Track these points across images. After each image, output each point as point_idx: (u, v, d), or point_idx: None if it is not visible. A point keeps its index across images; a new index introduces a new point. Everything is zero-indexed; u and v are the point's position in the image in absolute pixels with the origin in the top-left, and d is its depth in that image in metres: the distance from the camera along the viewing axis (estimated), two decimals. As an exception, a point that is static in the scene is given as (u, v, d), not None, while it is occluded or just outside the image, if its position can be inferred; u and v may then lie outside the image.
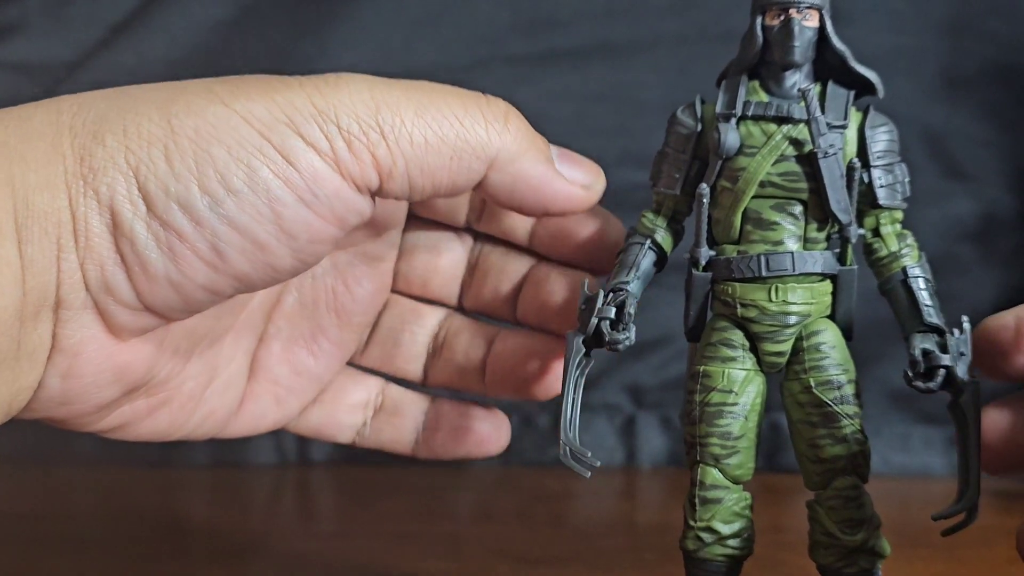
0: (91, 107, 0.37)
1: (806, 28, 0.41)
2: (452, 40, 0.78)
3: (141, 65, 0.77)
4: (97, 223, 0.36)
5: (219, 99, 0.37)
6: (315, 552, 0.59)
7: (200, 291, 0.38)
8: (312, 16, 0.78)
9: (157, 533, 0.63)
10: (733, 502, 0.42)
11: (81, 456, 0.76)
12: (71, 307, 0.37)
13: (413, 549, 0.60)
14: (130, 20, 0.79)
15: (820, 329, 0.42)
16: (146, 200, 0.36)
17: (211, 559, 0.59)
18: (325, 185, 0.38)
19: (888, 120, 0.43)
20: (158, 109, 0.37)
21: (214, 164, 0.37)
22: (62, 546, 0.60)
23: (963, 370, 0.41)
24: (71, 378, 0.38)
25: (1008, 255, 0.81)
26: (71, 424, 0.40)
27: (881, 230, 0.43)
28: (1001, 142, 0.80)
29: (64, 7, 0.79)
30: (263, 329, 0.46)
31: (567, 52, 0.78)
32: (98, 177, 0.36)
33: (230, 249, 0.37)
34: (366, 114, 0.38)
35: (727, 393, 0.41)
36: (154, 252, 0.37)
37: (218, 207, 0.37)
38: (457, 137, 0.39)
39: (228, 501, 0.72)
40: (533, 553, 0.58)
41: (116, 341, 0.38)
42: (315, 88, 0.38)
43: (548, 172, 0.41)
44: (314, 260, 0.40)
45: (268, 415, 0.46)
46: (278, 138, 0.37)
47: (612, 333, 0.41)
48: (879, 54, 0.82)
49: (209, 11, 0.78)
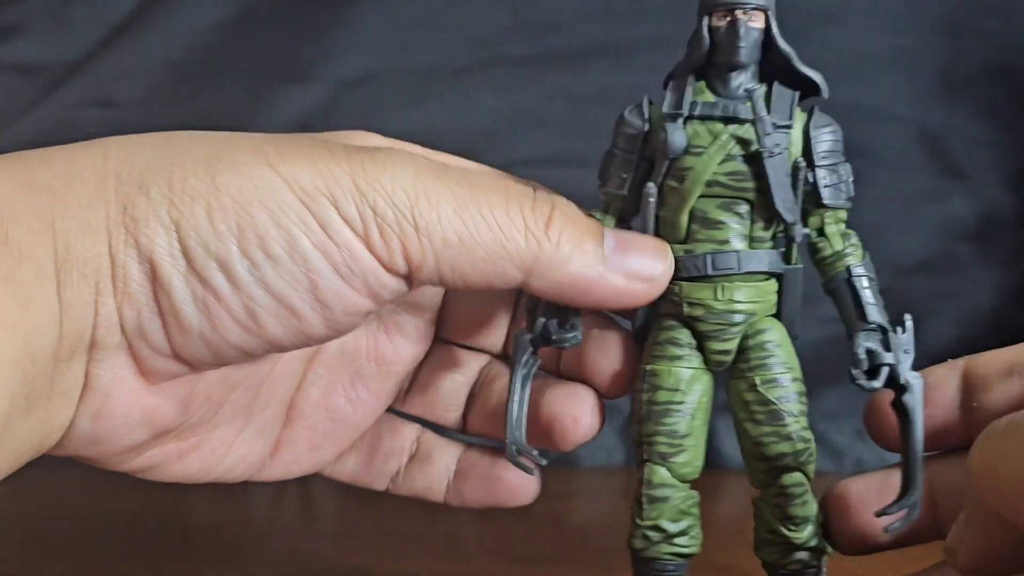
0: (138, 154, 0.37)
1: (752, 29, 0.41)
2: (452, 41, 0.78)
3: (141, 66, 0.77)
4: (136, 271, 0.36)
5: (266, 160, 0.37)
6: (316, 552, 0.59)
7: (232, 349, 0.38)
8: (312, 17, 0.78)
9: (159, 534, 0.63)
10: (680, 500, 0.42)
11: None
12: (106, 348, 0.37)
13: (413, 549, 0.60)
14: (130, 21, 0.79)
15: (765, 328, 0.42)
16: (186, 255, 0.36)
17: (213, 558, 0.59)
18: (360, 261, 0.37)
19: (832, 121, 0.43)
20: (204, 164, 0.37)
21: (255, 227, 0.36)
22: (65, 547, 0.60)
23: (906, 368, 0.41)
24: (102, 419, 0.38)
25: (1006, 255, 0.81)
26: (101, 463, 0.40)
27: (826, 229, 0.43)
28: (999, 142, 0.80)
29: (65, 8, 0.78)
30: (302, 376, 0.45)
31: (566, 53, 0.79)
32: (139, 227, 0.36)
33: (265, 313, 0.37)
34: (403, 204, 0.37)
35: (674, 392, 0.42)
36: (190, 308, 0.37)
37: (256, 271, 0.37)
38: (493, 241, 0.38)
39: (230, 501, 0.72)
40: (533, 553, 0.58)
41: (146, 384, 0.38)
42: (359, 164, 0.38)
43: (596, 274, 0.39)
44: (347, 329, 0.39)
45: (303, 461, 0.46)
46: (318, 209, 0.37)
47: (559, 331, 0.41)
48: (876, 54, 0.82)
49: (209, 12, 0.78)
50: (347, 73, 0.77)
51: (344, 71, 0.77)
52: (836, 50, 0.79)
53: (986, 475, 0.34)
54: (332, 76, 0.77)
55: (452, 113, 0.77)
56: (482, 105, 0.78)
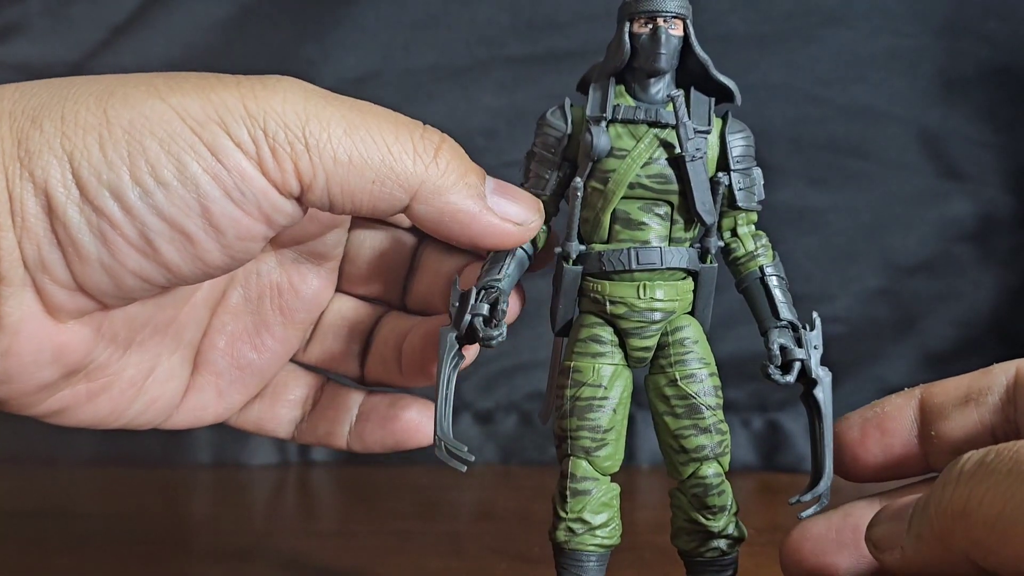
0: (32, 94, 0.38)
1: (672, 36, 0.42)
2: (452, 41, 0.78)
3: (141, 65, 0.77)
4: (32, 204, 0.37)
5: (156, 93, 0.38)
6: (316, 551, 0.59)
7: (132, 277, 0.39)
8: (312, 17, 0.78)
9: (159, 532, 0.63)
10: (602, 493, 0.43)
11: (83, 455, 0.76)
12: (11, 284, 0.38)
13: (413, 548, 0.60)
14: (131, 21, 0.79)
15: (683, 325, 0.43)
16: (79, 185, 0.37)
17: (213, 558, 0.59)
18: (252, 184, 0.38)
19: (745, 127, 0.44)
20: (96, 99, 0.38)
21: (146, 155, 0.37)
22: (65, 545, 0.60)
23: (816, 363, 0.43)
24: (11, 356, 0.39)
25: (1006, 255, 0.81)
26: (11, 405, 0.41)
27: (739, 231, 0.44)
28: (998, 142, 0.81)
29: (65, 8, 0.79)
30: (207, 323, 0.47)
31: (566, 53, 0.79)
32: (34, 160, 0.37)
33: (159, 239, 0.38)
34: (295, 123, 0.38)
35: (597, 388, 0.43)
36: (86, 236, 0.38)
37: (148, 197, 0.38)
38: (382, 162, 0.39)
39: (230, 500, 0.72)
40: (533, 552, 0.58)
41: (55, 322, 0.39)
42: (250, 90, 0.39)
43: (476, 208, 0.41)
44: (245, 257, 0.40)
45: (210, 408, 0.47)
46: (208, 135, 0.38)
47: (486, 330, 0.41)
48: (877, 55, 0.82)
49: (210, 11, 0.79)
50: (347, 73, 0.77)
51: (344, 71, 0.77)
52: (837, 51, 0.79)
53: (956, 520, 0.34)
54: (332, 76, 0.77)
55: (452, 112, 0.77)
56: (482, 105, 0.78)
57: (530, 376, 0.79)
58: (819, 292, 0.79)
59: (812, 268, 0.80)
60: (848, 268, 0.80)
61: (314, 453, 0.78)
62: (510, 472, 0.77)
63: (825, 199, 0.80)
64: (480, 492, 0.74)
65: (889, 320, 0.81)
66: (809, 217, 0.79)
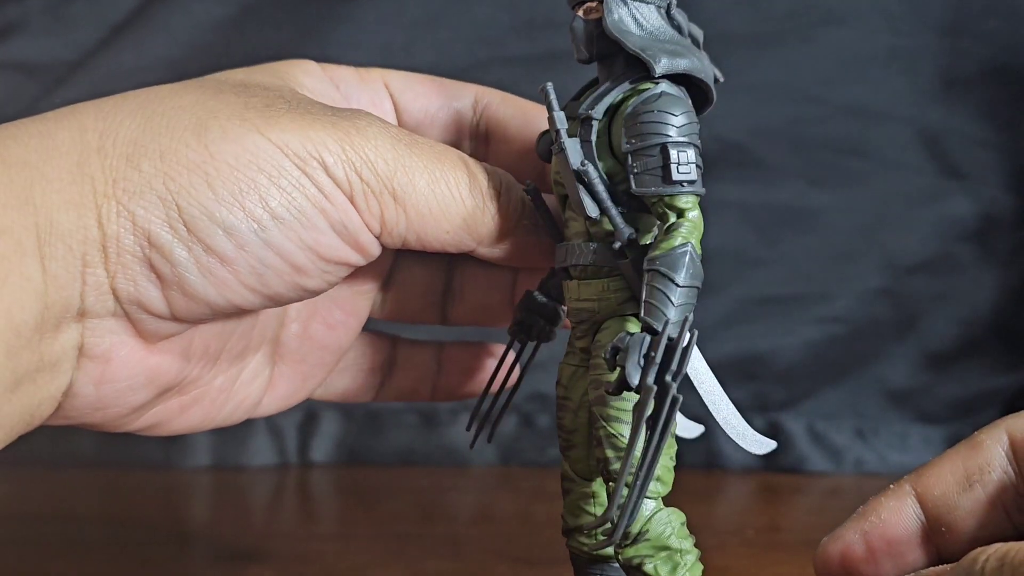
0: (119, 128, 0.38)
1: (582, 22, 0.41)
2: (452, 41, 0.78)
3: (141, 65, 0.77)
4: (131, 243, 0.37)
5: (254, 128, 0.38)
6: (315, 553, 0.59)
7: (233, 308, 0.39)
8: (313, 16, 0.78)
9: (159, 535, 0.63)
10: (579, 496, 0.42)
11: (83, 458, 0.76)
12: (98, 316, 0.37)
13: (413, 549, 0.60)
14: (130, 20, 0.79)
15: (605, 327, 0.40)
16: (187, 225, 0.37)
17: (212, 560, 0.59)
18: (352, 220, 0.39)
19: (650, 106, 0.38)
20: (194, 134, 0.38)
21: (257, 190, 0.38)
22: (64, 548, 0.60)
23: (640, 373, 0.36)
24: (104, 384, 0.39)
25: (1006, 255, 0.81)
26: (106, 427, 0.41)
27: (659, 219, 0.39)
28: (999, 142, 0.80)
29: (65, 7, 0.78)
30: (284, 313, 0.47)
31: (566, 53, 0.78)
32: (133, 200, 0.37)
33: (270, 272, 0.39)
34: (384, 172, 0.40)
35: (563, 387, 0.42)
36: (194, 275, 0.38)
37: (263, 232, 0.38)
38: (457, 215, 0.41)
39: (229, 502, 0.72)
40: (533, 553, 0.58)
41: (146, 345, 0.39)
42: (345, 133, 0.39)
43: (532, 241, 0.43)
44: (337, 281, 0.41)
45: (297, 392, 0.48)
46: (312, 172, 0.39)
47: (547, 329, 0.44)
48: (877, 54, 0.82)
49: (210, 11, 0.78)
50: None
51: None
52: (837, 50, 0.79)
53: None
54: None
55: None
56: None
57: (531, 377, 0.78)
58: (819, 292, 0.79)
59: (812, 268, 0.80)
60: (848, 268, 0.80)
61: (314, 454, 0.78)
62: (510, 473, 0.77)
63: (825, 199, 0.80)
64: (480, 494, 0.74)
65: (889, 320, 0.81)
66: (809, 217, 0.79)
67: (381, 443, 0.78)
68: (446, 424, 0.79)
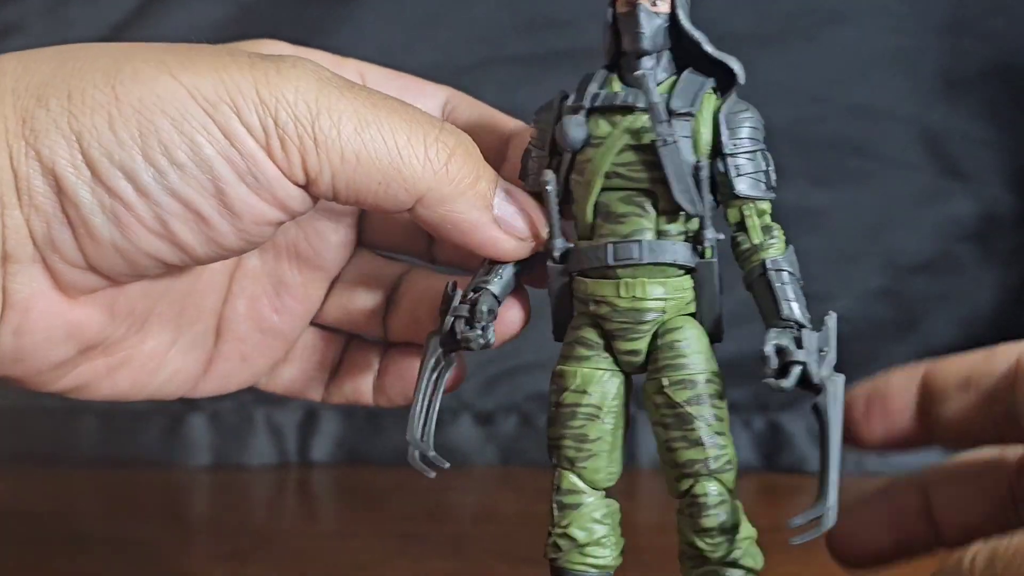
0: (34, 69, 0.37)
1: (655, 15, 0.40)
2: (452, 41, 0.78)
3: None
4: (40, 183, 0.36)
5: (167, 69, 0.37)
6: (316, 552, 0.59)
7: (145, 258, 0.38)
8: (312, 16, 0.78)
9: (159, 533, 0.63)
10: (592, 508, 0.40)
11: (83, 456, 0.76)
12: (19, 261, 0.37)
13: (414, 549, 0.60)
14: (130, 20, 0.79)
15: (677, 326, 0.39)
16: (90, 165, 0.36)
17: (212, 559, 0.59)
18: (264, 170, 0.37)
19: (749, 107, 0.40)
20: (104, 75, 0.37)
21: (158, 135, 0.36)
22: (64, 546, 0.60)
23: (821, 368, 0.38)
24: (23, 334, 0.38)
25: (1007, 255, 0.81)
26: (29, 383, 0.40)
27: (746, 223, 0.40)
28: (1000, 141, 0.80)
29: (64, 7, 0.79)
30: (227, 288, 0.45)
31: (567, 53, 0.78)
32: (40, 139, 0.36)
33: (174, 220, 0.37)
34: (305, 116, 0.37)
35: (580, 394, 0.40)
36: (99, 217, 0.37)
37: (162, 178, 0.37)
38: (390, 165, 0.38)
39: (229, 501, 0.72)
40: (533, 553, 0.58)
41: (67, 299, 0.38)
42: (263, 74, 0.37)
43: (480, 219, 0.40)
44: (259, 240, 0.39)
45: (235, 374, 0.46)
46: (221, 117, 0.37)
47: (465, 330, 0.39)
48: (878, 54, 0.82)
49: (209, 11, 0.78)
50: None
51: (344, 70, 0.77)
52: (838, 50, 0.79)
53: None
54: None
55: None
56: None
57: (532, 377, 0.78)
58: (821, 292, 0.79)
59: (814, 268, 0.79)
60: (850, 268, 0.80)
61: (314, 453, 0.78)
62: (511, 473, 0.77)
63: (827, 198, 0.79)
64: (481, 494, 0.74)
65: (891, 320, 0.81)
66: (810, 217, 0.79)
67: (381, 443, 0.78)
68: (446, 424, 0.79)
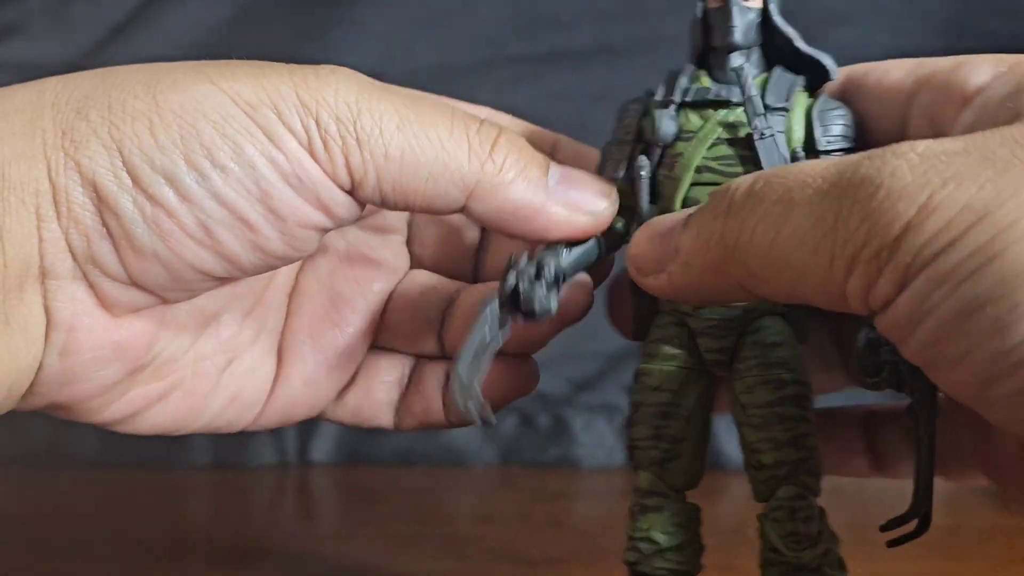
0: (76, 86, 0.37)
1: (747, 10, 0.40)
2: (453, 40, 0.78)
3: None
4: (79, 195, 0.36)
5: (207, 77, 0.37)
6: (316, 553, 0.59)
7: (189, 269, 0.37)
8: (313, 16, 0.78)
9: (158, 535, 0.63)
10: (675, 512, 0.39)
11: (82, 458, 0.76)
12: (58, 276, 0.36)
13: (413, 550, 0.60)
14: (130, 20, 0.79)
15: (765, 325, 0.39)
16: (131, 173, 0.36)
17: (212, 560, 0.59)
18: (308, 172, 0.37)
19: (842, 105, 0.40)
20: (144, 85, 0.37)
21: (200, 139, 0.36)
22: (64, 548, 0.60)
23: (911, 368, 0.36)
24: (69, 355, 0.37)
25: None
26: (79, 411, 0.39)
27: None
28: (1000, 142, 0.80)
29: (64, 8, 0.78)
30: (285, 308, 0.44)
31: (567, 53, 0.79)
32: (79, 150, 0.36)
33: (218, 227, 0.37)
34: (346, 117, 0.37)
35: (664, 393, 0.39)
36: (140, 227, 0.36)
37: (205, 182, 0.36)
38: (435, 159, 0.37)
39: (229, 502, 0.72)
40: (533, 553, 0.58)
41: (111, 316, 0.38)
42: (303, 79, 0.37)
43: (538, 200, 0.39)
44: (305, 247, 0.39)
45: (300, 401, 0.44)
46: (263, 120, 0.37)
47: (528, 288, 0.37)
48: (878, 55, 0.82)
49: (209, 11, 0.78)
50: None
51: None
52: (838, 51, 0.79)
53: (729, 251, 0.33)
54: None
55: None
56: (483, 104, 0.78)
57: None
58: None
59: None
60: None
61: (314, 454, 0.78)
62: (510, 474, 0.77)
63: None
64: (480, 494, 0.74)
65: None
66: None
67: (381, 443, 0.78)
68: (446, 424, 0.79)
